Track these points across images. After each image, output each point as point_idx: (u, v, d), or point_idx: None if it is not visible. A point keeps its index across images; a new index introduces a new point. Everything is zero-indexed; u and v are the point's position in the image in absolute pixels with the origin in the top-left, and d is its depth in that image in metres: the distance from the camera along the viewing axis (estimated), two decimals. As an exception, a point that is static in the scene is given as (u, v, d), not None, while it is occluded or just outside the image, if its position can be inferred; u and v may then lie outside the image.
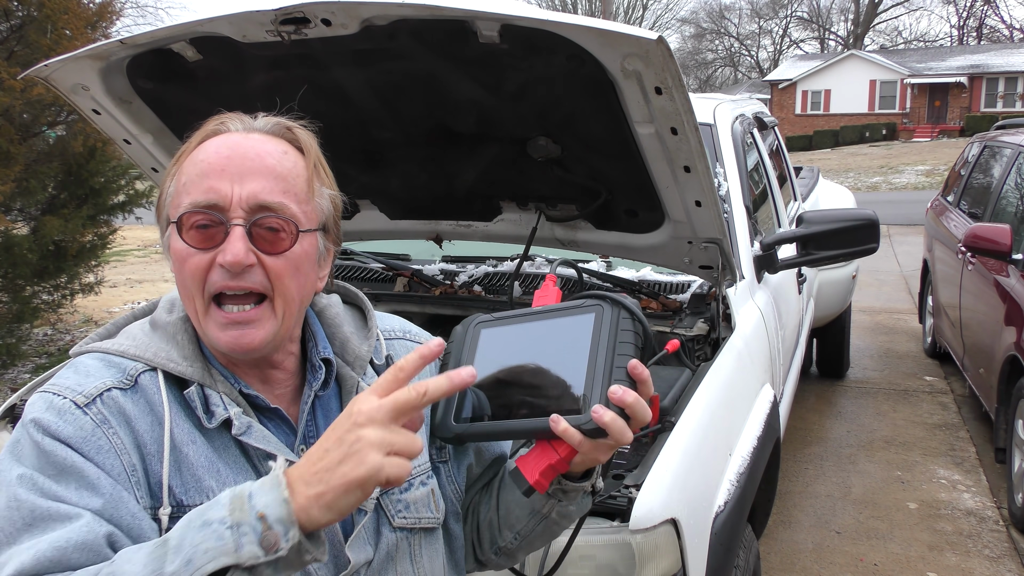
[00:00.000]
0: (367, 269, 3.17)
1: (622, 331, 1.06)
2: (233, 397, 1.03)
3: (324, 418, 1.10)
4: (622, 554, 1.69)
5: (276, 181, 1.01)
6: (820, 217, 2.91)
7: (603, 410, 0.99)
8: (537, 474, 1.05)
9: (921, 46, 51.78)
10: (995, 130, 6.38)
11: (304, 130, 1.09)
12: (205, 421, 1.00)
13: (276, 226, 1.00)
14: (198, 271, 0.99)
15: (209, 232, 0.99)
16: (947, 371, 6.20)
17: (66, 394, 0.96)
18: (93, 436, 0.93)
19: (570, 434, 0.99)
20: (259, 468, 1.01)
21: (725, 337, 2.44)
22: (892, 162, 26.22)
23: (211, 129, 1.05)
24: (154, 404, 0.99)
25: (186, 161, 1.03)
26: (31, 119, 6.40)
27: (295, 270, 1.02)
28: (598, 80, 1.83)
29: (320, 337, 1.13)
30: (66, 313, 7.53)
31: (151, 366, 1.02)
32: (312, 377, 1.10)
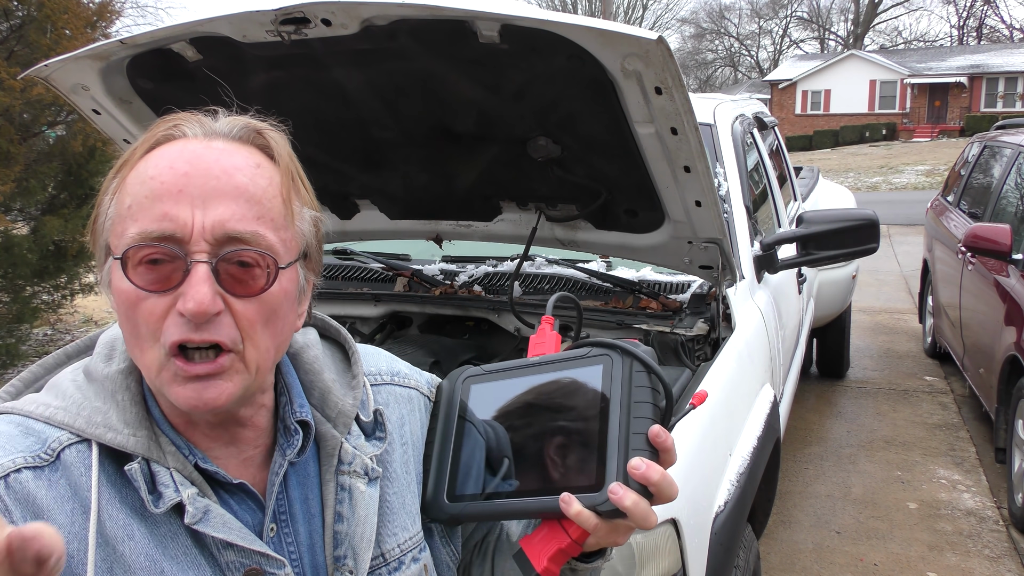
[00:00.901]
0: (367, 269, 3.17)
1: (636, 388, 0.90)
2: (187, 473, 0.83)
3: (299, 487, 0.91)
4: (622, 554, 1.69)
5: (248, 204, 0.80)
6: (820, 217, 2.91)
7: (623, 490, 0.85)
8: (546, 560, 0.91)
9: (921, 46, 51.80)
10: (995, 130, 6.38)
11: (278, 133, 0.88)
12: (151, 504, 0.80)
13: (249, 261, 0.80)
14: (152, 319, 0.78)
15: (164, 269, 0.78)
16: (947, 371, 6.20)
17: None
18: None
19: (584, 517, 0.86)
20: (216, 558, 0.83)
21: (725, 337, 2.44)
22: (892, 162, 26.22)
23: (162, 135, 0.83)
24: (79, 488, 0.79)
25: (131, 175, 0.81)
26: (31, 119, 6.40)
27: (271, 314, 0.83)
28: (598, 80, 1.83)
29: (296, 392, 0.93)
30: (66, 313, 7.54)
31: (81, 437, 0.81)
32: (286, 443, 0.90)
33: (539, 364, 1.00)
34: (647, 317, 2.55)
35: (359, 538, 0.91)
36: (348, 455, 0.93)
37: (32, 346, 7.26)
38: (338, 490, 0.91)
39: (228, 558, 0.83)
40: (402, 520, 0.97)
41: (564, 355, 0.99)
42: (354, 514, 0.91)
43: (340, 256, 3.28)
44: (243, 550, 0.83)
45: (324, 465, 0.93)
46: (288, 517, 0.90)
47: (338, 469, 0.92)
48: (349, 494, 0.92)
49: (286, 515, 0.90)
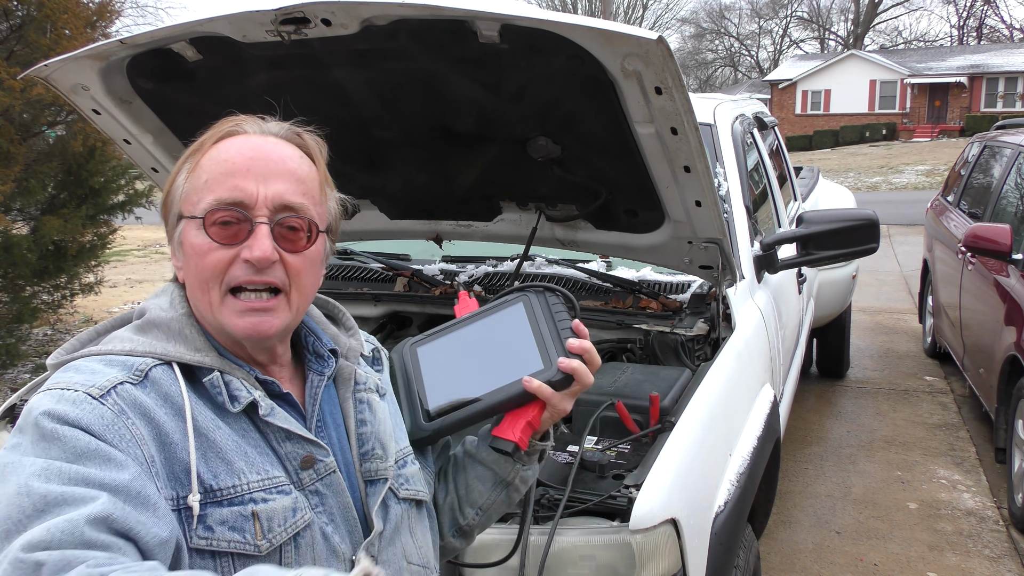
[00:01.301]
0: (367, 269, 3.17)
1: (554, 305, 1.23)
2: (251, 383, 1.05)
3: (327, 404, 1.14)
4: (622, 554, 1.69)
5: (297, 183, 1.05)
6: (820, 217, 2.91)
7: (567, 360, 1.15)
8: (519, 432, 1.18)
9: (921, 46, 51.79)
10: (995, 130, 6.38)
11: (312, 136, 1.14)
12: (230, 406, 1.01)
13: (297, 225, 1.05)
14: (220, 265, 1.02)
15: (232, 229, 1.02)
16: (947, 371, 6.20)
17: (76, 388, 0.93)
18: (115, 425, 0.91)
19: (543, 390, 1.14)
20: (277, 450, 1.03)
21: (725, 337, 2.44)
22: (892, 162, 26.22)
23: (227, 130, 1.07)
24: (171, 395, 0.98)
25: (204, 159, 1.05)
26: (31, 119, 6.40)
27: (311, 267, 1.08)
28: (598, 80, 1.83)
29: (320, 332, 1.19)
30: (66, 313, 7.54)
31: (163, 360, 1.01)
32: (321, 366, 1.15)
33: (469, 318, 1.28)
34: (647, 317, 2.55)
35: (383, 434, 1.16)
36: (362, 377, 1.19)
37: (32, 346, 7.26)
38: (357, 404, 1.16)
39: (287, 449, 1.04)
40: (400, 434, 1.22)
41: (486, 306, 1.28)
42: (375, 418, 1.16)
43: (340, 256, 3.28)
44: (299, 440, 1.05)
45: (342, 389, 1.17)
46: (323, 424, 1.12)
47: (355, 389, 1.17)
48: (368, 405, 1.17)
49: (321, 422, 1.12)
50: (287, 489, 1.01)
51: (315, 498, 1.05)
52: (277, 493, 1.00)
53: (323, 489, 1.06)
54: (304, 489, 1.04)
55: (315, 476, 1.05)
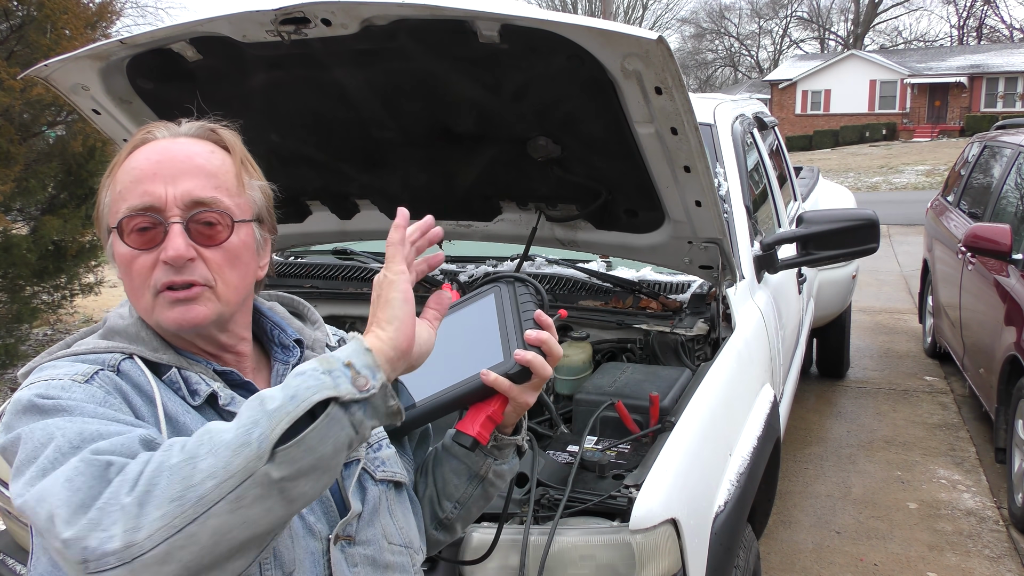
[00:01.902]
0: (367, 269, 3.17)
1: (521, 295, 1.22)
2: (210, 376, 1.08)
3: None
4: (622, 554, 1.69)
5: (207, 178, 1.06)
6: (820, 217, 2.91)
7: (523, 351, 1.13)
8: (478, 426, 1.17)
9: (921, 46, 51.78)
10: (995, 130, 6.38)
11: (227, 130, 1.14)
12: (190, 400, 1.05)
13: (212, 220, 1.05)
14: (143, 270, 1.04)
15: (149, 234, 1.04)
16: (947, 371, 6.20)
17: (60, 377, 0.98)
18: (106, 401, 0.96)
19: (500, 382, 1.13)
20: None
21: (725, 337, 2.44)
22: (892, 162, 26.22)
23: (138, 139, 1.10)
24: (141, 384, 1.03)
25: (119, 171, 1.08)
26: (31, 119, 6.40)
27: (235, 259, 1.08)
28: (598, 80, 1.83)
29: (285, 325, 1.22)
30: (66, 314, 7.54)
31: (127, 354, 1.05)
32: (286, 355, 1.19)
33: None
34: (647, 317, 2.55)
35: None
36: None
37: (32, 346, 7.26)
38: None
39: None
40: None
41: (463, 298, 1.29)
42: None
43: (340, 256, 3.28)
44: None
45: None
46: None
47: None
48: None
49: None
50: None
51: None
52: None
53: None
54: None
55: None
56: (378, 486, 1.18)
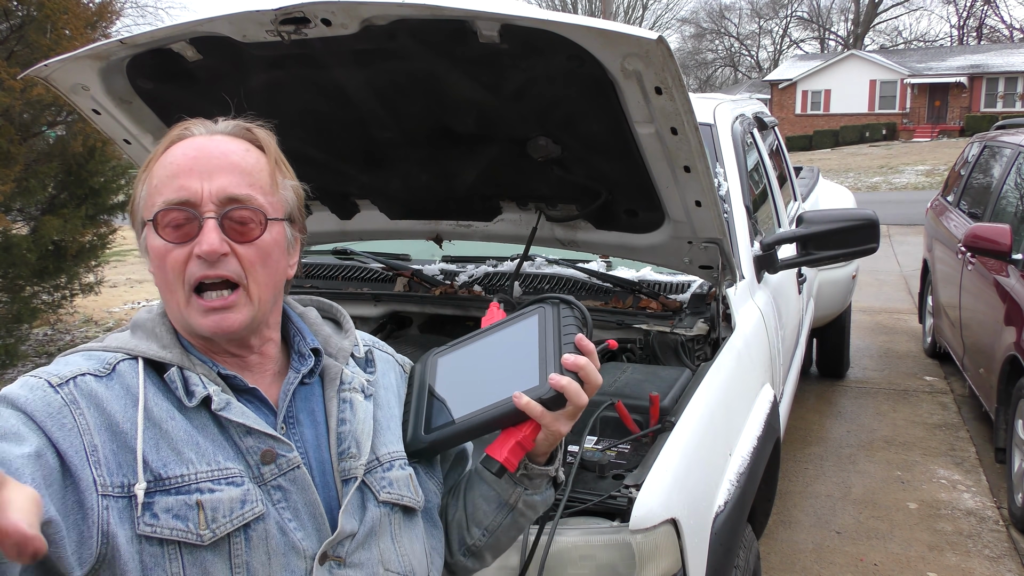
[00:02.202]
0: (367, 269, 3.17)
1: (564, 318, 1.17)
2: (211, 378, 1.08)
3: (305, 402, 1.15)
4: (622, 554, 1.69)
5: (242, 175, 1.08)
6: (820, 217, 2.91)
7: (558, 376, 1.08)
8: (506, 452, 1.13)
9: (921, 46, 51.77)
10: (995, 130, 6.38)
11: (262, 129, 1.15)
12: (185, 400, 1.04)
13: (245, 218, 1.07)
14: (177, 264, 1.05)
15: (184, 228, 1.05)
16: (947, 371, 6.20)
17: (41, 375, 1.01)
18: (59, 413, 0.97)
19: (532, 407, 1.10)
20: (238, 444, 1.05)
21: (725, 337, 2.44)
22: (892, 162, 26.21)
23: (176, 135, 1.11)
24: (131, 388, 1.03)
25: (155, 166, 1.09)
26: (31, 119, 6.39)
27: (266, 257, 1.09)
28: (598, 80, 1.83)
29: (306, 332, 1.21)
30: (66, 314, 7.53)
31: (131, 355, 1.07)
32: (300, 364, 1.16)
33: (489, 329, 1.25)
34: (647, 317, 2.55)
35: (360, 432, 1.15)
36: (348, 377, 1.19)
37: (32, 346, 7.26)
38: (340, 403, 1.16)
39: (247, 443, 1.05)
40: (390, 436, 1.22)
41: (507, 317, 1.25)
42: (355, 417, 1.16)
43: (340, 256, 3.28)
44: (259, 434, 1.06)
45: (328, 388, 1.18)
46: (295, 422, 1.13)
47: (340, 388, 1.17)
48: (350, 404, 1.17)
49: (294, 420, 1.13)
50: (238, 481, 1.02)
51: (277, 493, 1.05)
52: (226, 484, 1.01)
53: (286, 484, 1.06)
54: (265, 483, 1.05)
55: (276, 471, 1.06)
56: (380, 508, 1.14)
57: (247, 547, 1.01)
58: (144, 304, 9.05)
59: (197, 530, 0.98)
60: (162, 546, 0.97)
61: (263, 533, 1.02)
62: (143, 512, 0.97)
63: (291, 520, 1.05)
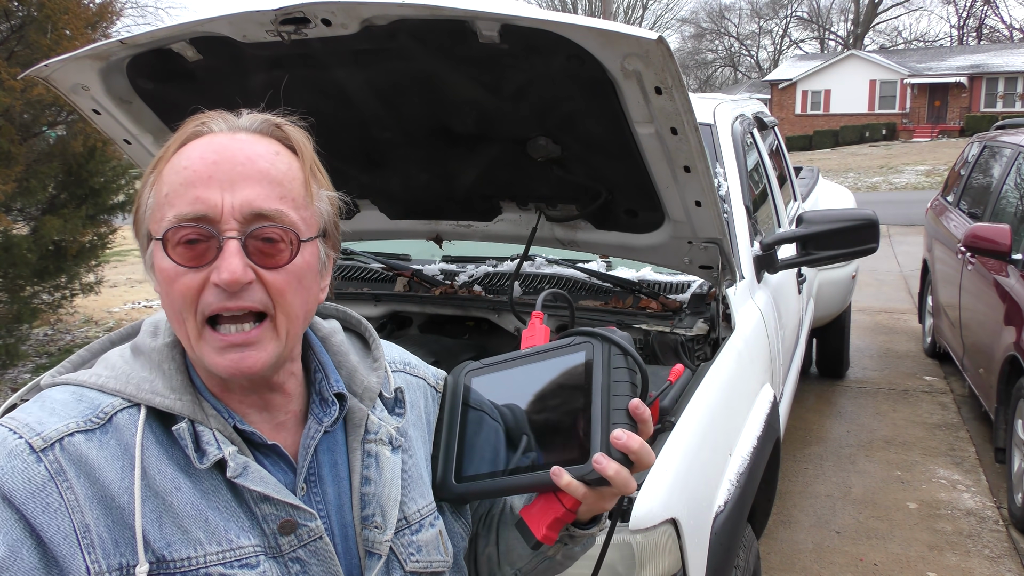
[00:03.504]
0: (367, 269, 3.17)
1: (615, 369, 1.01)
2: (227, 434, 0.92)
3: (328, 453, 1.00)
4: (622, 554, 1.69)
5: (271, 186, 0.89)
6: (820, 217, 2.91)
7: (606, 460, 0.95)
8: (544, 528, 1.02)
9: (921, 46, 51.77)
10: (995, 130, 6.38)
11: (295, 127, 0.97)
12: (196, 461, 0.89)
13: (275, 236, 0.89)
14: (189, 292, 0.88)
15: (199, 248, 0.87)
16: (947, 371, 6.20)
17: (23, 432, 0.85)
18: (42, 491, 0.82)
19: (573, 487, 0.96)
20: (254, 511, 0.92)
21: (725, 337, 2.44)
22: (892, 162, 26.21)
23: (191, 131, 0.93)
24: (129, 447, 0.88)
25: (166, 168, 0.91)
26: (31, 119, 6.40)
27: (298, 284, 0.92)
28: (598, 80, 1.83)
29: (331, 369, 1.03)
30: (66, 313, 7.54)
31: (132, 402, 0.90)
32: (322, 412, 1.00)
33: (530, 354, 1.12)
34: (647, 317, 2.55)
35: (386, 498, 1.00)
36: (374, 425, 1.03)
37: (32, 346, 7.26)
38: (364, 456, 1.01)
39: (264, 511, 0.91)
40: (420, 488, 1.07)
41: (551, 345, 1.10)
42: (381, 477, 1.01)
43: (340, 256, 3.28)
44: (278, 503, 0.91)
45: (351, 435, 1.02)
46: (317, 479, 0.98)
47: (364, 438, 1.02)
48: (376, 460, 1.01)
49: (315, 477, 0.98)
50: (254, 561, 0.89)
51: (296, 565, 0.92)
52: (240, 567, 0.88)
53: (306, 556, 0.93)
54: (283, 556, 0.92)
55: (296, 542, 0.92)
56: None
57: None
58: (144, 305, 9.05)
59: None
60: None
61: None
62: None
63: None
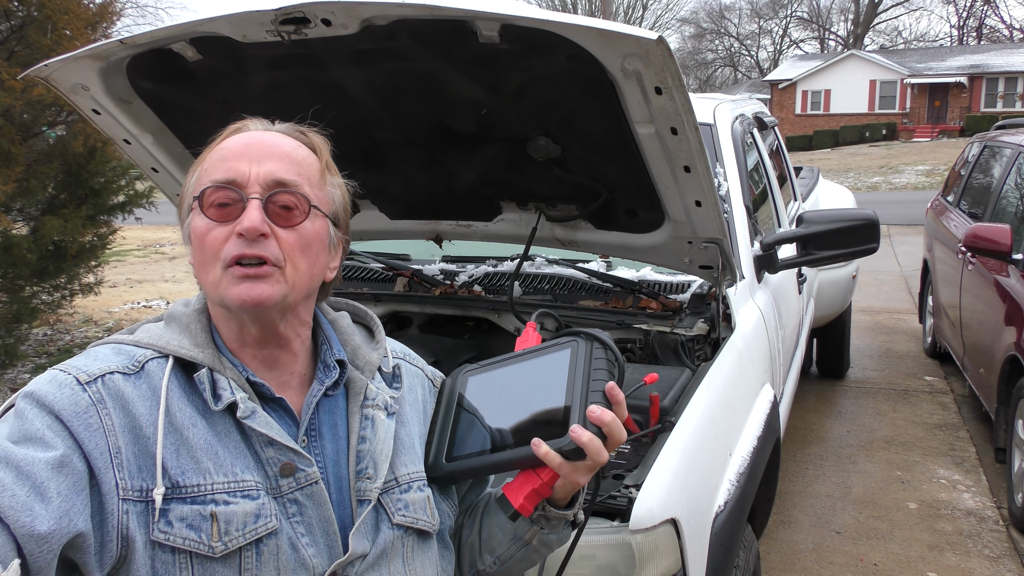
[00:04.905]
0: (367, 269, 3.17)
1: (596, 359, 1.13)
2: (240, 383, 1.06)
3: (329, 414, 1.13)
4: (622, 554, 1.69)
5: (291, 164, 1.09)
6: (820, 217, 2.91)
7: (580, 430, 1.05)
8: (522, 498, 1.12)
9: (921, 46, 51.77)
10: (995, 130, 6.38)
11: (317, 135, 1.18)
12: (212, 404, 1.03)
13: (290, 204, 1.07)
14: (216, 242, 1.05)
15: (228, 209, 1.05)
16: (947, 371, 6.20)
17: (70, 371, 1.00)
18: (86, 413, 0.96)
19: (551, 457, 1.07)
20: (259, 454, 1.04)
21: (725, 337, 2.44)
22: (892, 162, 26.21)
23: (232, 128, 1.14)
24: (157, 389, 1.02)
25: (209, 154, 1.11)
26: (31, 119, 6.40)
27: (306, 245, 1.08)
28: (598, 80, 1.83)
29: (334, 341, 1.18)
30: (66, 314, 7.54)
31: (162, 353, 1.06)
32: (324, 375, 1.14)
33: (521, 355, 1.23)
34: (647, 317, 2.55)
35: (378, 453, 1.13)
36: (372, 392, 1.17)
37: (31, 346, 7.26)
38: (363, 419, 1.14)
39: (268, 454, 1.04)
40: (411, 456, 1.19)
41: (540, 345, 1.22)
42: (375, 436, 1.14)
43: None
44: (280, 447, 1.05)
45: (351, 401, 1.16)
46: (317, 435, 1.11)
47: (363, 404, 1.15)
48: (372, 422, 1.15)
49: (316, 432, 1.12)
50: (254, 494, 1.01)
51: (293, 506, 1.04)
52: (241, 497, 1.00)
53: (302, 499, 1.05)
54: (282, 496, 1.04)
55: (294, 484, 1.05)
56: (394, 530, 1.12)
57: (258, 561, 1.00)
58: (144, 305, 9.05)
59: (209, 542, 0.98)
60: (174, 554, 0.97)
61: (274, 548, 1.01)
62: (159, 518, 0.97)
63: (304, 535, 1.04)
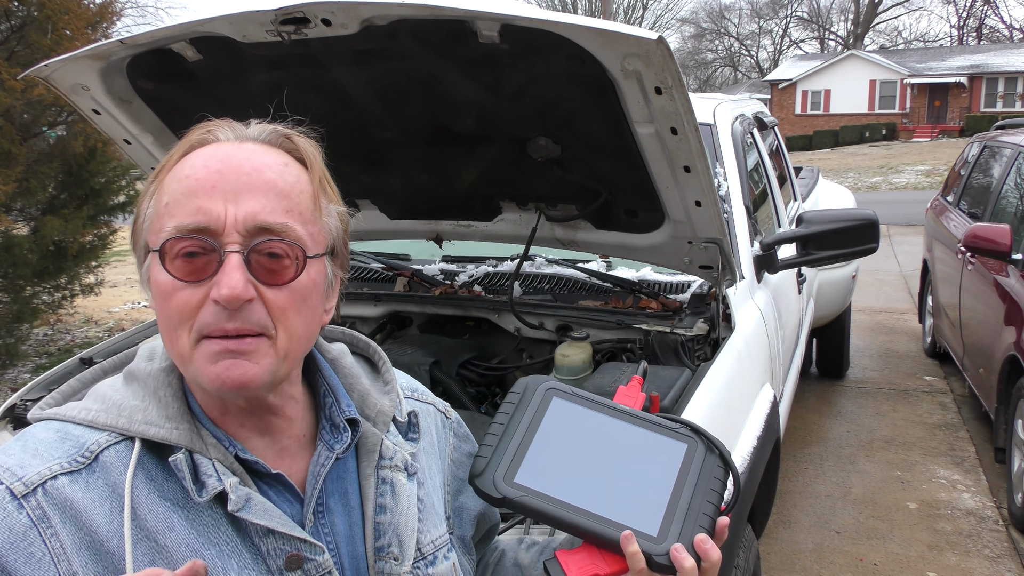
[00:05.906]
0: (367, 269, 3.17)
1: (713, 478, 1.03)
2: (227, 464, 0.86)
3: (337, 481, 0.95)
4: (622, 554, 1.69)
5: (278, 198, 0.85)
6: (820, 217, 2.91)
7: (685, 554, 0.94)
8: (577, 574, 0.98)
9: (921, 46, 51.78)
10: (995, 130, 6.38)
11: (304, 138, 0.94)
12: (194, 495, 0.83)
13: (279, 252, 0.84)
14: (187, 308, 0.83)
15: (199, 262, 0.82)
16: (947, 371, 6.20)
17: (3, 478, 0.80)
18: (24, 540, 0.77)
19: (637, 558, 0.93)
20: (258, 545, 0.86)
21: (725, 337, 2.44)
22: (892, 162, 26.21)
23: (196, 139, 0.88)
24: (118, 486, 0.82)
25: (167, 177, 0.86)
26: (32, 119, 6.41)
27: (302, 303, 0.87)
28: (598, 80, 1.83)
29: (341, 393, 0.98)
30: (66, 314, 7.54)
31: (124, 435, 0.85)
32: (333, 439, 0.95)
33: (627, 413, 1.09)
34: (647, 317, 2.55)
35: (403, 527, 0.95)
36: (389, 450, 0.97)
37: (32, 346, 7.26)
38: (379, 484, 0.96)
39: (269, 545, 0.86)
40: (434, 519, 1.02)
41: (654, 417, 1.08)
42: (397, 505, 0.96)
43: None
44: (284, 536, 0.86)
45: (363, 461, 0.97)
46: (325, 509, 0.93)
47: (379, 464, 0.96)
48: (391, 487, 0.96)
49: (323, 507, 0.93)
50: None
51: None
52: None
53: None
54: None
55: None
56: None
57: None
58: (144, 305, 9.05)
59: None
60: None
61: None
62: None
63: None
